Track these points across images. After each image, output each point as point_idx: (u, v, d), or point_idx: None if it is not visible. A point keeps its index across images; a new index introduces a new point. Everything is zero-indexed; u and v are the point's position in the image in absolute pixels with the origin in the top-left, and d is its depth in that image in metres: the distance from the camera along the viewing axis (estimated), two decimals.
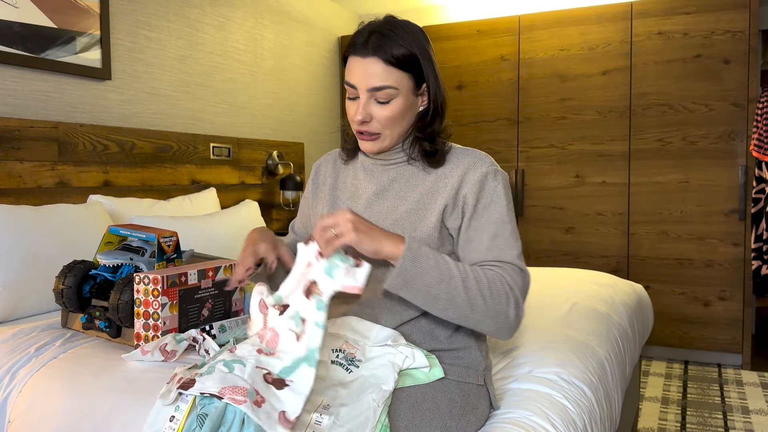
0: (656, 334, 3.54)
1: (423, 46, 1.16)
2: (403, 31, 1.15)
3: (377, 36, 1.13)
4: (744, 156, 3.30)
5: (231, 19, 3.35)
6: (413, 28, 1.17)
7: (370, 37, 1.13)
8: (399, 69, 1.13)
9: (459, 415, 1.12)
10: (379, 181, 1.24)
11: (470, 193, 1.16)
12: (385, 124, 1.16)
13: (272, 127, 3.73)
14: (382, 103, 1.14)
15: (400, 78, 1.14)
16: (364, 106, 1.15)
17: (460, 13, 4.40)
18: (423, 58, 1.16)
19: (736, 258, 3.34)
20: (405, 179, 1.23)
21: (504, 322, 1.07)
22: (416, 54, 1.14)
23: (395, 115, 1.15)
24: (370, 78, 1.12)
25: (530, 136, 3.80)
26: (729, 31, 3.30)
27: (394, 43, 1.12)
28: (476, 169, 1.18)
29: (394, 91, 1.13)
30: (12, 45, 2.24)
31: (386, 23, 1.16)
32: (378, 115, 1.15)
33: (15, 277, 1.87)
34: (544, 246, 3.80)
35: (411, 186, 1.21)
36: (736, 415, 2.73)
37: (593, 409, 1.38)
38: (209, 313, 1.61)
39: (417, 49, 1.15)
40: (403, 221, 1.18)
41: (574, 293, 2.12)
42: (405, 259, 1.03)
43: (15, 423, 1.41)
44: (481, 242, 1.14)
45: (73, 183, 2.38)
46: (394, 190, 1.22)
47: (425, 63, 1.16)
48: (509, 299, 1.07)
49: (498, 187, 1.17)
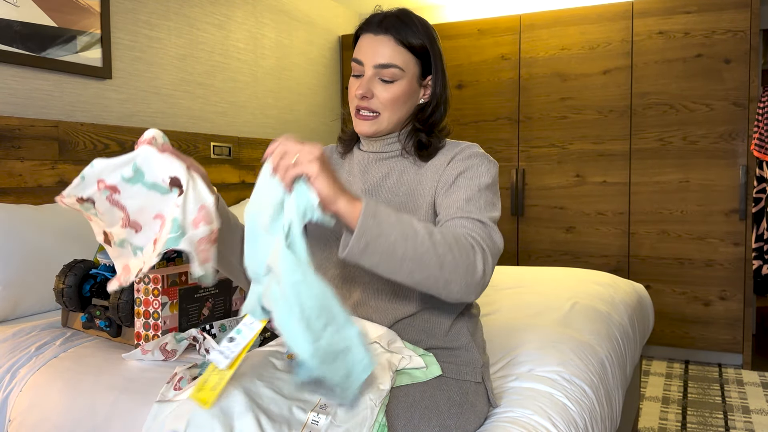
0: (657, 333, 3.54)
1: (434, 42, 1.20)
2: (419, 22, 1.19)
3: (393, 18, 1.16)
4: (745, 156, 3.29)
5: (231, 18, 3.35)
6: (427, 23, 1.21)
7: (385, 18, 1.17)
8: (409, 52, 1.16)
9: (458, 414, 1.12)
10: (373, 177, 1.24)
11: (454, 168, 1.16)
12: (386, 104, 1.17)
13: (273, 126, 3.72)
14: (386, 82, 1.15)
15: (408, 61, 1.16)
16: (368, 81, 1.16)
17: (461, 13, 4.40)
18: (433, 52, 1.19)
19: (737, 258, 3.33)
20: (397, 173, 1.22)
21: (472, 278, 0.98)
22: (427, 46, 1.18)
23: (397, 97, 1.16)
24: (380, 54, 1.15)
25: (531, 135, 3.80)
26: (730, 30, 3.30)
27: (408, 29, 1.16)
28: (464, 152, 1.19)
29: (400, 72, 1.15)
30: (12, 44, 2.24)
31: (402, 11, 1.19)
32: (380, 94, 1.16)
33: (15, 276, 1.87)
34: (545, 245, 3.80)
35: (403, 180, 1.21)
36: (737, 414, 2.73)
37: (594, 409, 1.38)
38: (209, 313, 1.61)
39: (428, 42, 1.18)
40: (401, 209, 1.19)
41: (574, 293, 2.12)
42: (365, 216, 0.90)
43: (15, 422, 1.41)
44: (451, 204, 1.11)
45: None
46: (387, 186, 1.22)
47: (434, 57, 1.20)
48: (476, 251, 0.99)
49: (481, 166, 1.16)
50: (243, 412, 0.92)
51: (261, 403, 0.95)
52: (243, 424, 0.91)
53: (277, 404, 0.97)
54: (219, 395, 0.93)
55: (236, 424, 0.91)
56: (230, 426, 0.91)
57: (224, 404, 0.93)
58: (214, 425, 0.90)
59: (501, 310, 1.94)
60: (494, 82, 3.89)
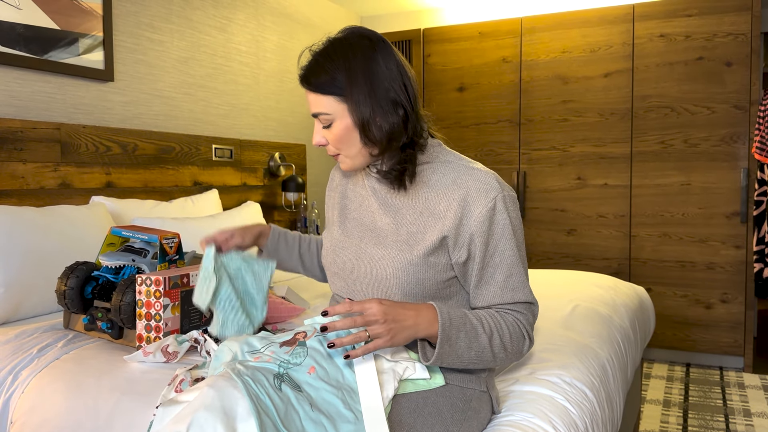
0: (658, 336, 3.54)
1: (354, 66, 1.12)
2: (332, 52, 1.13)
3: (306, 66, 1.16)
4: (746, 158, 3.29)
5: (233, 20, 3.36)
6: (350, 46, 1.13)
7: (302, 70, 1.16)
8: (325, 95, 1.14)
9: (461, 420, 1.12)
10: (380, 195, 1.23)
11: (478, 233, 1.12)
12: (337, 146, 1.18)
13: (274, 128, 3.73)
14: (327, 127, 1.17)
15: (329, 103, 1.14)
16: (317, 131, 1.19)
17: (462, 16, 4.41)
18: (349, 77, 1.11)
19: (738, 260, 3.33)
20: (399, 196, 1.20)
21: (518, 359, 1.19)
22: (340, 76, 1.12)
23: (339, 137, 1.16)
24: (311, 105, 1.17)
25: (532, 138, 3.80)
26: (731, 33, 3.30)
27: (317, 71, 1.13)
28: (480, 199, 1.12)
29: (328, 116, 1.15)
30: (15, 46, 2.24)
31: (321, 48, 1.16)
32: (329, 138, 1.18)
33: (17, 278, 1.87)
34: (546, 248, 3.80)
35: (408, 207, 1.18)
36: (738, 418, 2.73)
37: (595, 412, 1.38)
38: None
39: (342, 70, 1.12)
40: (405, 250, 1.16)
41: (575, 295, 2.12)
42: (442, 343, 1.06)
43: (17, 424, 1.42)
44: (495, 284, 1.15)
45: (75, 184, 2.39)
46: (393, 206, 1.20)
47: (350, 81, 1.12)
48: (525, 339, 1.16)
49: (506, 220, 1.13)
50: (246, 415, 0.92)
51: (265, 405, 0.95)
52: (246, 426, 0.91)
53: None
54: None
55: (239, 426, 0.92)
56: (233, 428, 0.91)
57: (227, 406, 0.93)
58: (217, 427, 0.90)
59: None
60: (495, 85, 3.89)
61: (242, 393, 0.94)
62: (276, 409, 0.95)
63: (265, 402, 0.95)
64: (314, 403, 0.99)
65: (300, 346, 1.07)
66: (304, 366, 1.04)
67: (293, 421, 0.95)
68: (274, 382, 0.99)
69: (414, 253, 1.14)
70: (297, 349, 1.07)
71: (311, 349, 1.07)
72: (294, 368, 1.03)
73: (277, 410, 0.95)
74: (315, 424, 0.96)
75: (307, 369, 1.03)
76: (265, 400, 0.95)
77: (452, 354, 1.08)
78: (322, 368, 1.04)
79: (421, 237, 1.15)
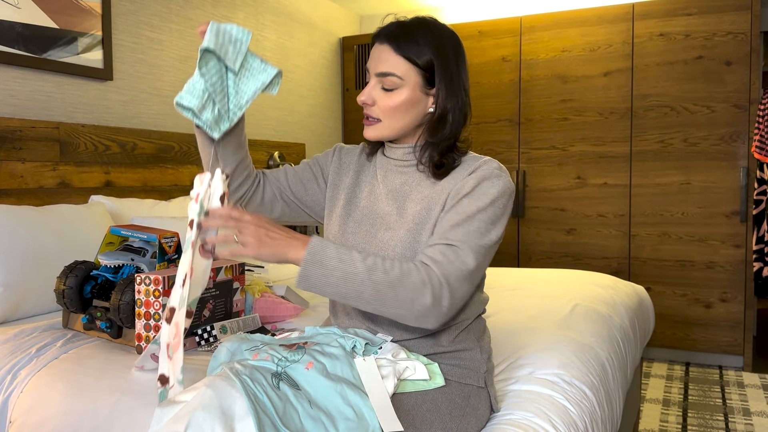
0: (657, 335, 3.54)
1: (445, 52, 1.15)
2: (428, 32, 1.15)
3: (397, 26, 1.16)
4: (745, 158, 3.29)
5: (233, 19, 3.36)
6: (442, 32, 1.16)
7: (389, 28, 1.16)
8: (407, 60, 1.14)
9: (459, 417, 1.12)
10: (392, 182, 1.24)
11: (462, 187, 1.14)
12: (386, 112, 1.17)
13: (274, 127, 3.73)
14: (387, 90, 1.16)
15: (408, 71, 1.14)
16: (371, 89, 1.18)
17: (462, 15, 4.41)
18: (440, 64, 1.15)
19: (738, 260, 3.33)
20: (411, 185, 1.22)
21: (421, 311, 1.04)
22: (430, 57, 1.14)
23: (397, 106, 1.16)
24: (380, 63, 1.15)
25: (531, 137, 3.80)
26: (731, 32, 3.30)
27: (410, 38, 1.14)
28: (477, 171, 1.16)
29: (399, 81, 1.14)
30: (14, 45, 2.24)
31: (414, 20, 1.17)
32: (380, 102, 1.17)
33: (16, 277, 1.87)
34: (545, 247, 3.80)
35: (417, 193, 1.20)
36: (738, 417, 2.73)
37: (594, 411, 1.38)
38: (210, 314, 1.61)
39: (434, 53, 1.14)
40: (413, 230, 1.17)
41: (575, 295, 2.12)
42: (306, 263, 1.02)
43: (16, 423, 1.41)
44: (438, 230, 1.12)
45: (74, 183, 2.39)
46: (404, 195, 1.22)
47: (441, 68, 1.15)
48: (425, 287, 1.03)
49: (491, 189, 1.13)
50: (244, 414, 0.92)
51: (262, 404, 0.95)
52: (244, 426, 0.91)
53: None
54: None
55: (237, 425, 0.91)
56: (231, 427, 0.91)
57: (225, 406, 0.93)
58: (215, 427, 0.90)
59: (501, 312, 1.94)
60: (495, 84, 3.89)
61: (240, 392, 0.94)
62: (274, 407, 0.95)
63: (263, 401, 0.95)
64: (313, 401, 0.99)
65: (299, 348, 1.08)
66: (302, 362, 1.04)
67: (292, 419, 0.95)
68: (272, 380, 0.99)
69: (423, 233, 1.16)
70: (296, 349, 1.07)
71: (310, 349, 1.07)
72: (292, 365, 1.03)
73: (275, 409, 0.95)
74: (314, 422, 0.96)
75: (305, 365, 1.04)
76: (263, 398, 0.95)
77: (322, 280, 1.03)
78: (320, 363, 1.04)
79: (426, 216, 1.17)
